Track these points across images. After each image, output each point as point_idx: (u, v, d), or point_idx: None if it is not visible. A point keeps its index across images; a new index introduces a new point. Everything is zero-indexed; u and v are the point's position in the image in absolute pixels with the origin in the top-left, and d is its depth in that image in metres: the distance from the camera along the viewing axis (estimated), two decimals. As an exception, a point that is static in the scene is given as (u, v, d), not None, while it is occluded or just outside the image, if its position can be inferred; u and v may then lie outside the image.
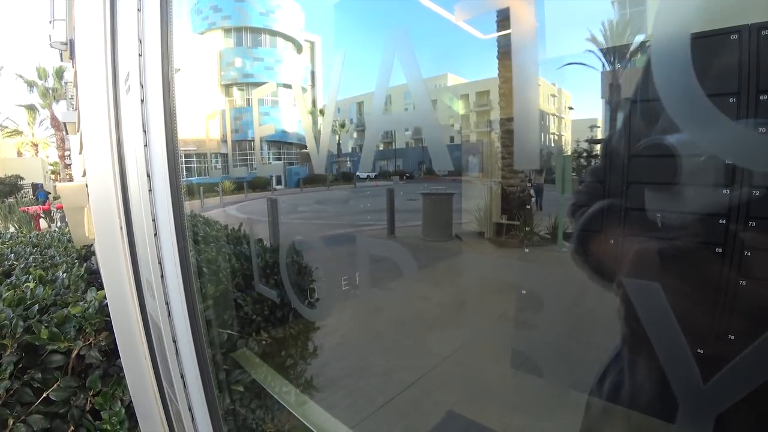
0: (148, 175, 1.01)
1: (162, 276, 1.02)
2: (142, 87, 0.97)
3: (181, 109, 1.05)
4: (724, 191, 0.99)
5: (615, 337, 0.80)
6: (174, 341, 1.04)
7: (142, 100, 0.97)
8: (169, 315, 1.04)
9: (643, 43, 0.97)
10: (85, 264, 1.94)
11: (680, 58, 0.50)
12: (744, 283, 0.82)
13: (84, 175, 1.49)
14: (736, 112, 0.94)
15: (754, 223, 0.95)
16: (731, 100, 0.94)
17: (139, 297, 1.23)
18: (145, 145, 0.99)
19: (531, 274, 0.91)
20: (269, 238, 2.20)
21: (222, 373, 1.40)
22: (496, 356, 2.61)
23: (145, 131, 0.99)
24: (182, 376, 1.06)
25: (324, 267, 1.97)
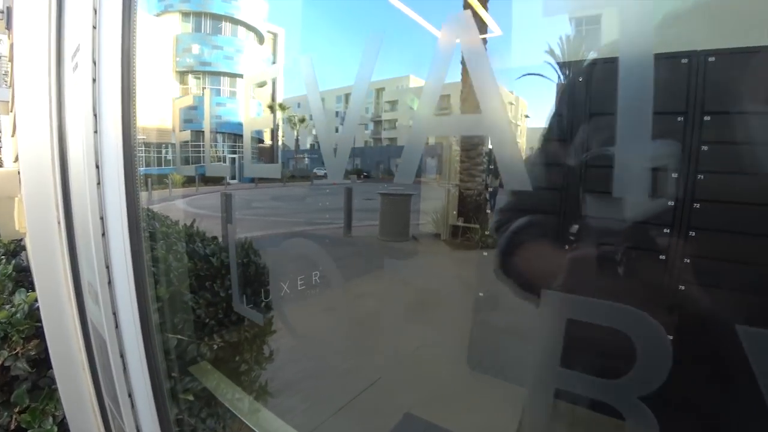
0: (97, 166, 0.89)
1: (110, 283, 0.91)
2: (95, 64, 0.85)
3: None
4: (669, 203, 1.05)
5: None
6: (122, 356, 0.93)
7: (93, 80, 0.85)
8: (117, 326, 0.93)
9: (592, 60, 1.01)
10: (13, 261, 1.72)
11: (639, 76, 0.51)
12: (683, 287, 0.88)
13: (16, 160, 1.32)
14: (683, 130, 1.00)
15: (693, 233, 1.01)
16: (679, 119, 1.00)
17: (78, 301, 1.10)
18: (95, 132, 0.88)
19: (487, 277, 0.92)
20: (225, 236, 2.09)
21: (172, 382, 1.29)
22: (450, 356, 2.65)
23: (96, 115, 0.87)
24: (130, 396, 0.95)
25: (280, 267, 1.90)
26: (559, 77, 1.19)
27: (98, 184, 0.89)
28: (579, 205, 1.10)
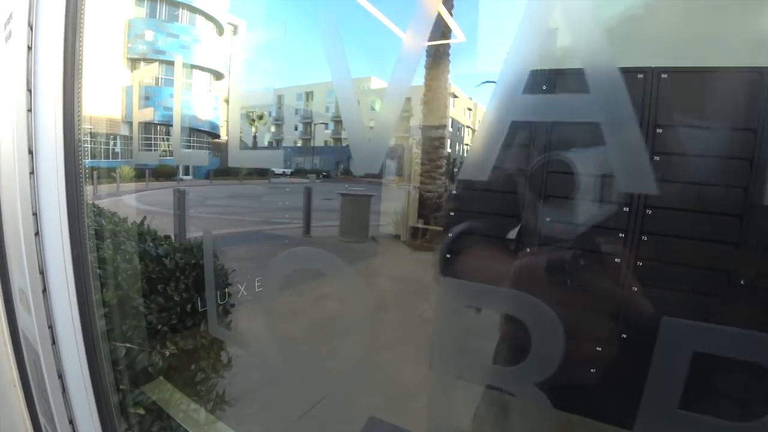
0: (30, 152, 0.77)
1: (44, 291, 0.78)
2: (31, 29, 0.72)
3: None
4: (625, 209, 1.09)
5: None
6: (60, 377, 0.80)
7: (29, 48, 0.72)
8: (54, 342, 0.80)
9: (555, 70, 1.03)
10: None
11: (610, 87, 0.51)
12: (636, 288, 0.91)
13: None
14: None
15: (646, 238, 1.06)
16: None
17: (7, 308, 0.96)
18: (29, 110, 0.75)
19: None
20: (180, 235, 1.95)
21: (120, 396, 1.17)
22: (408, 358, 2.64)
23: (30, 90, 0.74)
24: (71, 422, 0.83)
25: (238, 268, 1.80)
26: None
27: (31, 173, 0.77)
28: (530, 208, 1.12)
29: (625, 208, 1.07)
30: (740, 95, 0.88)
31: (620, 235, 1.04)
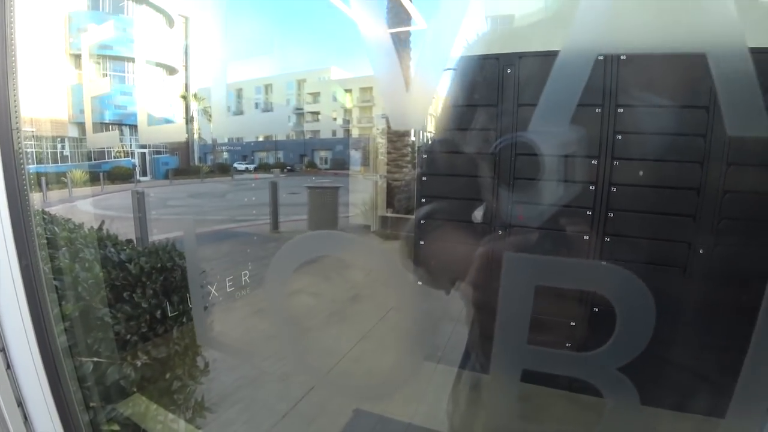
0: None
1: None
2: None
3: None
4: (591, 187, 1.13)
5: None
6: (20, 404, 0.73)
7: None
8: (8, 367, 0.72)
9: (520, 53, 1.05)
10: None
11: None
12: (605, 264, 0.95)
13: None
14: (600, 120, 1.08)
15: (612, 215, 1.10)
16: (597, 110, 1.08)
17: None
18: None
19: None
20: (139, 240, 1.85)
21: (91, 414, 1.10)
22: (396, 346, 2.65)
23: None
24: None
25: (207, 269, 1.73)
26: (483, 70, 1.20)
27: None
28: (498, 189, 1.14)
29: (590, 187, 1.11)
30: (691, 77, 0.91)
31: (588, 213, 1.07)
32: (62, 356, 0.85)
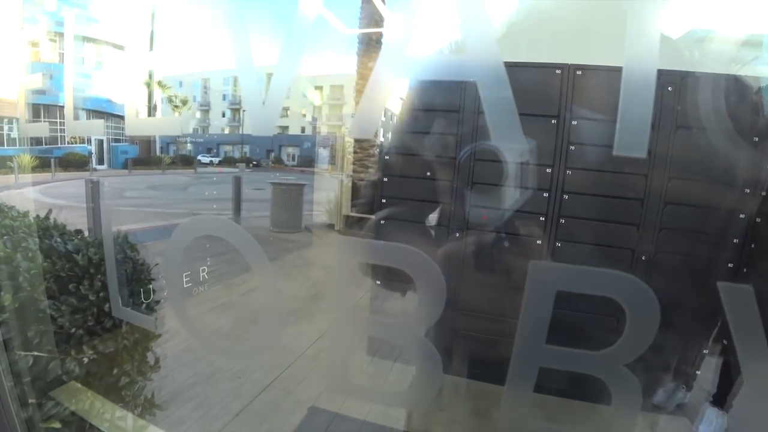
0: None
1: None
2: None
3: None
4: (545, 194, 1.20)
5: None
6: None
7: None
8: None
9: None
10: None
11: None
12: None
13: None
14: (555, 131, 1.15)
15: (563, 221, 1.18)
16: (553, 121, 1.15)
17: None
18: None
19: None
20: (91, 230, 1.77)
21: (28, 411, 1.05)
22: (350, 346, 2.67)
23: None
24: None
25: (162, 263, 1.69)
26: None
27: None
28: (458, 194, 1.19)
29: (544, 194, 1.18)
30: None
31: (541, 218, 1.14)
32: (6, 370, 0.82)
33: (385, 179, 1.25)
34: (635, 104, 0.41)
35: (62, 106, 1.13)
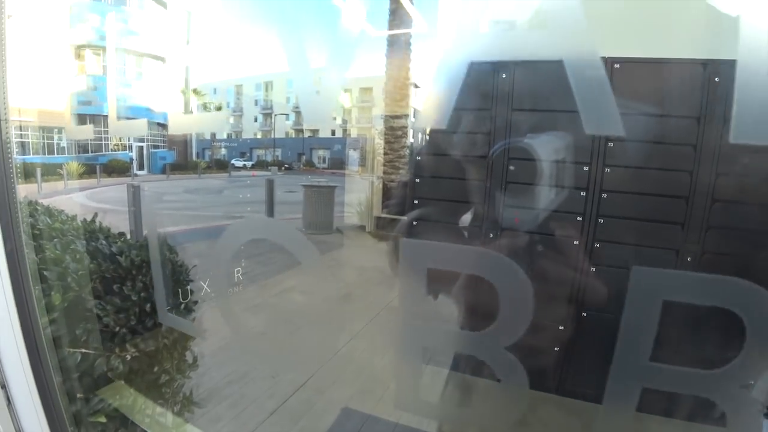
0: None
1: None
2: None
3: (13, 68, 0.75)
4: (582, 194, 1.14)
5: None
6: (3, 386, 0.74)
7: None
8: None
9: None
10: None
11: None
12: (594, 269, 0.96)
13: None
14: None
15: (602, 221, 1.11)
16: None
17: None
18: None
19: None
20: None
21: (78, 405, 1.10)
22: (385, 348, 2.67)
23: None
24: None
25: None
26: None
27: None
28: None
29: (582, 193, 1.12)
30: (686, 85, 0.92)
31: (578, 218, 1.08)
32: (44, 343, 0.86)
33: (417, 180, 1.22)
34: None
35: (106, 116, 1.18)
